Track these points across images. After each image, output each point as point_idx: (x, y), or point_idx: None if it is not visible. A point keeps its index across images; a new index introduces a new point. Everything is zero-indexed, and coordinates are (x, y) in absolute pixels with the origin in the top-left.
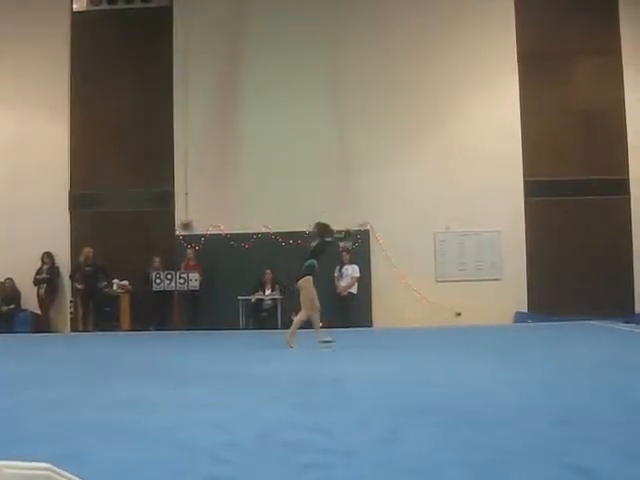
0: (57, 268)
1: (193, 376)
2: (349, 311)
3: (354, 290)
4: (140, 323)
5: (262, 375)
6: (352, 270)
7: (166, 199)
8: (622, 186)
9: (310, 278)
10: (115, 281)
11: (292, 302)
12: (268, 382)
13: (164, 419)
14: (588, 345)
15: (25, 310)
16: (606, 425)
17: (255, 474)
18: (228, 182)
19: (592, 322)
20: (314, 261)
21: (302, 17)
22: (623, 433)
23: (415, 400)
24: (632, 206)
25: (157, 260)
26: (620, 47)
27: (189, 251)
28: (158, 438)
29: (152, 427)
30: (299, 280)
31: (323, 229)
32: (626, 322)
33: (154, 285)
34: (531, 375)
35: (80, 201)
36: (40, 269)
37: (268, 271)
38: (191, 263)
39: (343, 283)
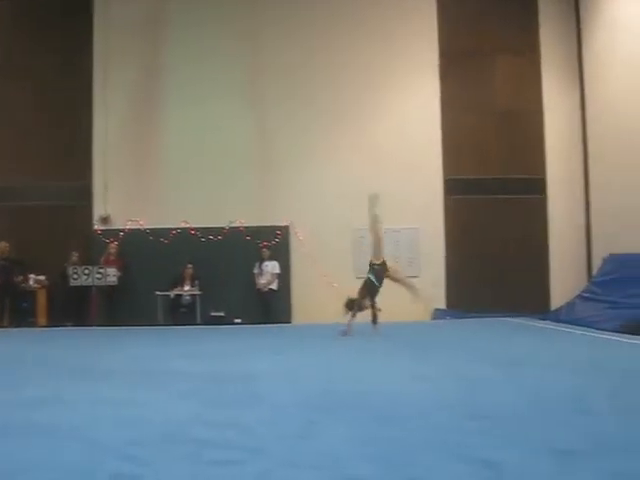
0: None
1: (107, 373)
2: (269, 307)
3: (274, 286)
4: (57, 319)
5: (177, 371)
6: (272, 266)
7: (84, 193)
8: (540, 185)
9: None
10: (32, 276)
11: (211, 298)
12: (183, 378)
13: (74, 417)
14: (502, 341)
15: None
16: (514, 419)
17: (162, 471)
18: (148, 177)
19: (509, 319)
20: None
21: (221, 15)
22: (531, 427)
23: (329, 396)
24: (549, 205)
25: (75, 255)
26: (539, 47)
27: (111, 245)
28: (67, 436)
29: (61, 425)
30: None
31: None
32: (542, 319)
33: (71, 280)
34: (444, 371)
35: None
36: None
37: (190, 266)
38: (111, 258)
39: (263, 280)
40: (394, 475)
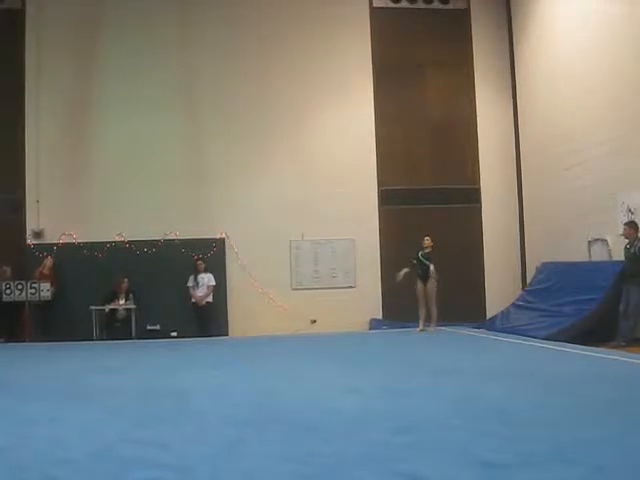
0: None
1: (37, 390)
2: (206, 320)
3: (210, 299)
4: None
5: (108, 387)
6: (208, 279)
7: (17, 207)
8: (474, 195)
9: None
10: None
11: (146, 312)
12: (113, 395)
13: None
14: (434, 351)
15: None
16: (443, 431)
17: None
18: (81, 190)
19: (444, 328)
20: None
21: (157, 29)
22: (459, 439)
23: (260, 411)
24: (483, 215)
25: (7, 270)
26: (472, 60)
27: (47, 260)
28: None
29: None
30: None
31: None
32: (477, 327)
33: (4, 296)
34: (375, 383)
35: None
36: None
37: (125, 280)
38: (45, 272)
39: (200, 293)
40: None
